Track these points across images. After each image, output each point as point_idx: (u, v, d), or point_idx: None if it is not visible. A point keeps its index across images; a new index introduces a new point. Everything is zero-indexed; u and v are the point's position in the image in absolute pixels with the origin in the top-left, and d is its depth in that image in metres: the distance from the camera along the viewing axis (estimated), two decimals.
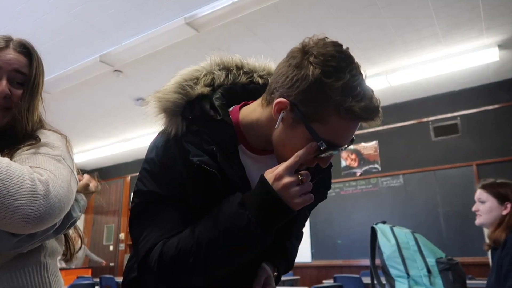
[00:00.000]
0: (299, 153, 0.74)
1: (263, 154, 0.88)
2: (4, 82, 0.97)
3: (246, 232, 0.73)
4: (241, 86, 0.91)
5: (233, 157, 0.83)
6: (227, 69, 0.90)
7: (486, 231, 2.24)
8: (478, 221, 1.90)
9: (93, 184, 1.19)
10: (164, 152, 0.83)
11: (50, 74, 4.32)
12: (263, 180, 0.75)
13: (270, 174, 0.75)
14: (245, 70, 0.92)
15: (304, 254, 5.53)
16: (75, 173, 0.97)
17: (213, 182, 0.79)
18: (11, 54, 1.00)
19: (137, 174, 0.93)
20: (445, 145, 5.00)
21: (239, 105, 0.89)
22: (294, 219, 0.81)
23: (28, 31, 3.49)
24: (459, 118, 4.98)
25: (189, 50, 3.88)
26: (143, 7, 3.25)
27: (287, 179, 0.72)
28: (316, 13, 3.38)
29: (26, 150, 0.91)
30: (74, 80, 4.41)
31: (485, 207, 1.87)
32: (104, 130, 6.40)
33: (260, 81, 0.92)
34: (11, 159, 0.84)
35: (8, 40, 1.03)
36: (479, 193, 1.89)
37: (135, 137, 6.65)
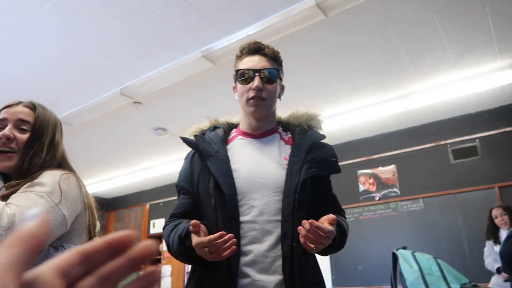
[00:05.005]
0: None
1: (259, 137, 1.37)
2: (8, 127, 1.13)
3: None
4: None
5: (221, 143, 1.33)
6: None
7: None
8: None
9: None
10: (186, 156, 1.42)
11: (73, 108, 4.50)
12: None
13: None
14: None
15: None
16: (64, 207, 1.05)
17: (197, 159, 1.32)
18: (18, 108, 1.16)
19: (156, 201, 1.09)
20: (465, 168, 4.92)
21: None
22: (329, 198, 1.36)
23: (55, 66, 3.68)
24: (478, 140, 4.92)
25: (205, 81, 4.01)
26: (162, 42, 3.40)
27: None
28: (327, 43, 3.47)
29: (21, 190, 1.04)
30: (96, 113, 4.57)
31: None
32: (124, 160, 6.54)
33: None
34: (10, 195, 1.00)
35: (20, 102, 1.20)
36: None
37: (153, 165, 6.76)
